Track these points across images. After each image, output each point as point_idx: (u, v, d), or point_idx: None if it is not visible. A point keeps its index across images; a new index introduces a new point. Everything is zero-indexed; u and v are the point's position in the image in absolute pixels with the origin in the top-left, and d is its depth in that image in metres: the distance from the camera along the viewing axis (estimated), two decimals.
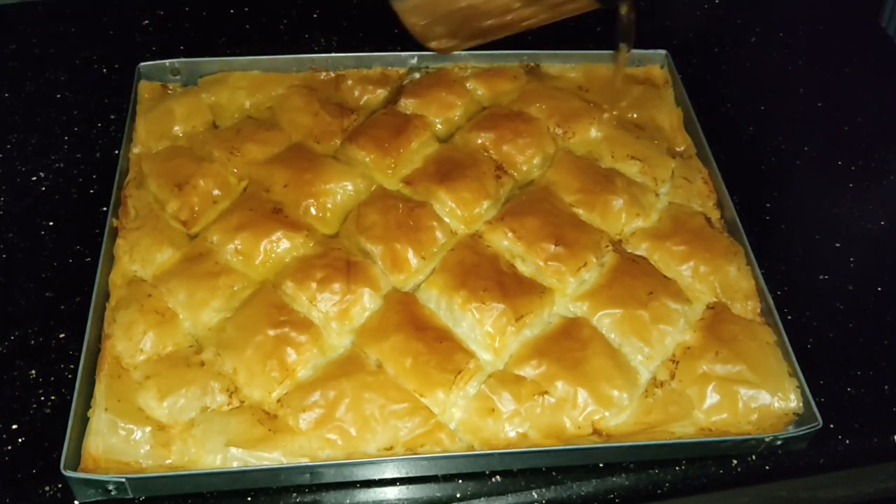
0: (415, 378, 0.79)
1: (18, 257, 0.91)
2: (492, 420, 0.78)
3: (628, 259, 0.89)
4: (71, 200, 0.96)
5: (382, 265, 0.87)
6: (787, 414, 0.79)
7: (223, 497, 0.75)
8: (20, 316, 0.86)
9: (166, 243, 0.88)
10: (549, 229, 0.89)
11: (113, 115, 1.05)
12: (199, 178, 0.92)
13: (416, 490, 0.77)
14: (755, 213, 0.98)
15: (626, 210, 0.93)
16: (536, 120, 1.00)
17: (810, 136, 1.08)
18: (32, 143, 1.02)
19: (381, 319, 0.83)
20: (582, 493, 0.77)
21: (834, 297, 0.92)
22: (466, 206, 0.92)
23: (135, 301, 0.83)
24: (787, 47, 1.20)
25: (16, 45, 1.14)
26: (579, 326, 0.83)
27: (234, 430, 0.76)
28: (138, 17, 1.18)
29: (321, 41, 1.16)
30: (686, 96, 1.04)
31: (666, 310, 0.85)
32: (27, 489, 0.75)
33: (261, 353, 0.80)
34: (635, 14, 0.93)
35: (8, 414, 0.80)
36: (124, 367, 0.79)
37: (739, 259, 0.89)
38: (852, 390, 0.84)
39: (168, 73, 1.04)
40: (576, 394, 0.79)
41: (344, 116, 1.00)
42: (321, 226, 0.91)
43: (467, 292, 0.84)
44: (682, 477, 0.79)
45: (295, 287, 0.84)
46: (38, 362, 0.83)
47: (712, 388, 0.80)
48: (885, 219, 0.99)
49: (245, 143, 0.96)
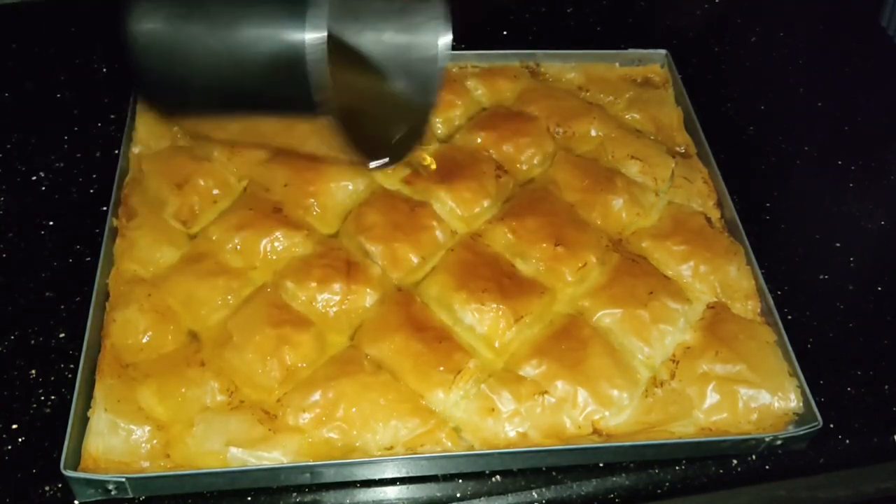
0: (415, 378, 0.79)
1: (18, 257, 0.91)
2: (492, 420, 0.78)
3: (628, 259, 0.89)
4: (71, 200, 0.96)
5: (382, 265, 0.87)
6: (787, 414, 0.79)
7: (223, 497, 0.75)
8: (20, 316, 0.86)
9: (166, 243, 0.88)
10: (549, 229, 0.89)
11: (113, 115, 1.05)
12: (199, 178, 0.92)
13: (416, 490, 0.77)
14: (755, 213, 0.98)
15: (627, 210, 0.93)
16: (536, 120, 1.00)
17: (810, 136, 1.08)
18: (32, 143, 1.02)
19: (381, 319, 0.83)
20: (582, 493, 0.77)
21: (834, 297, 0.92)
22: (466, 205, 0.92)
23: (135, 301, 0.83)
24: (787, 47, 1.20)
25: (16, 45, 1.14)
26: (579, 326, 0.83)
27: (234, 429, 0.76)
28: None
29: None
30: (686, 96, 1.04)
31: (666, 309, 0.85)
32: (27, 489, 0.75)
33: (261, 353, 0.80)
34: None
35: (8, 414, 0.79)
36: (124, 366, 0.79)
37: (739, 259, 0.89)
38: (852, 390, 0.84)
39: None
40: (576, 393, 0.79)
41: None
42: (321, 225, 0.91)
43: (467, 292, 0.84)
44: (682, 477, 0.79)
45: (295, 287, 0.84)
46: (38, 362, 0.83)
47: (712, 387, 0.80)
48: (885, 219, 0.99)
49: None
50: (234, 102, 0.76)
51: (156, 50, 0.75)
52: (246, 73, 0.72)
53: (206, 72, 0.74)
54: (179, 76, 0.75)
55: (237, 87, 0.74)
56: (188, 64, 0.74)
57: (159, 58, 0.75)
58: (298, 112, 0.73)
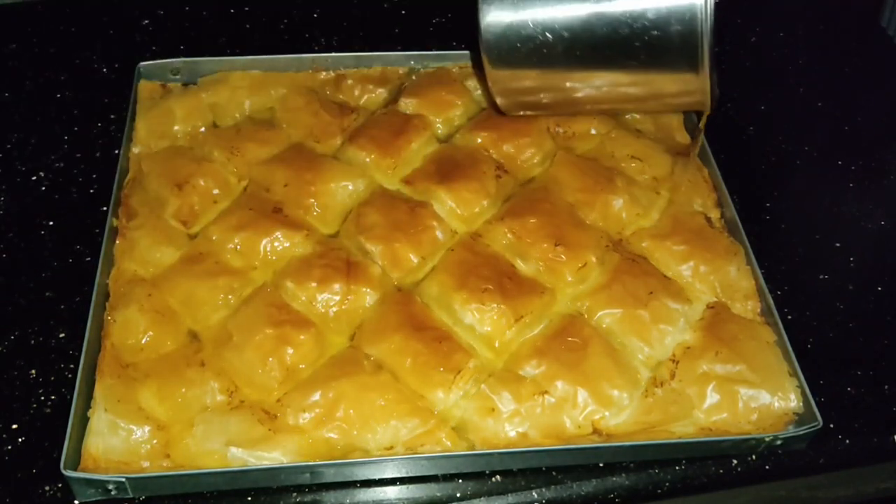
0: (415, 378, 0.79)
1: (18, 257, 0.91)
2: (492, 420, 0.78)
3: (628, 259, 0.89)
4: (71, 200, 0.96)
5: (382, 265, 0.87)
6: (787, 414, 0.79)
7: (223, 497, 0.75)
8: (20, 316, 0.86)
9: (166, 243, 0.88)
10: (549, 229, 0.89)
11: (113, 115, 1.05)
12: (199, 178, 0.92)
13: (416, 490, 0.77)
14: (755, 213, 0.98)
15: (627, 210, 0.93)
16: (536, 119, 1.00)
17: (810, 136, 1.08)
18: (32, 143, 1.02)
19: (381, 319, 0.83)
20: (582, 493, 0.77)
21: (834, 297, 0.92)
22: (466, 205, 0.92)
23: (134, 301, 0.83)
24: (787, 47, 1.20)
25: (16, 45, 1.14)
26: (579, 326, 0.83)
27: (234, 429, 0.76)
28: (138, 17, 1.18)
29: (321, 41, 1.16)
30: None
31: (666, 309, 0.85)
32: (27, 489, 0.75)
33: (261, 353, 0.80)
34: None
35: (8, 414, 0.79)
36: (124, 366, 0.79)
37: (739, 259, 0.89)
38: (852, 390, 0.84)
39: (168, 72, 1.04)
40: (576, 393, 0.79)
41: (344, 116, 1.00)
42: (321, 225, 0.91)
43: (467, 292, 0.84)
44: (682, 477, 0.79)
45: (295, 287, 0.84)
46: (38, 362, 0.83)
47: (712, 387, 0.80)
48: (885, 219, 0.99)
49: (245, 142, 0.96)
50: (594, 67, 0.86)
51: (513, 34, 0.84)
52: (621, 38, 0.82)
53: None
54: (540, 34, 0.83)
55: (606, 54, 0.84)
56: (552, 44, 0.83)
57: (515, 39, 0.84)
58: (673, 67, 0.84)
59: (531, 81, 0.90)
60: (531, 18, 0.84)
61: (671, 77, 0.86)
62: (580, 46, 0.84)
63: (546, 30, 0.84)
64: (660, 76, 0.87)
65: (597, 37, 0.83)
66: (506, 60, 0.87)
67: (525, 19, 0.84)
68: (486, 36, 0.86)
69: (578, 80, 0.89)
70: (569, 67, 0.87)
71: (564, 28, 0.83)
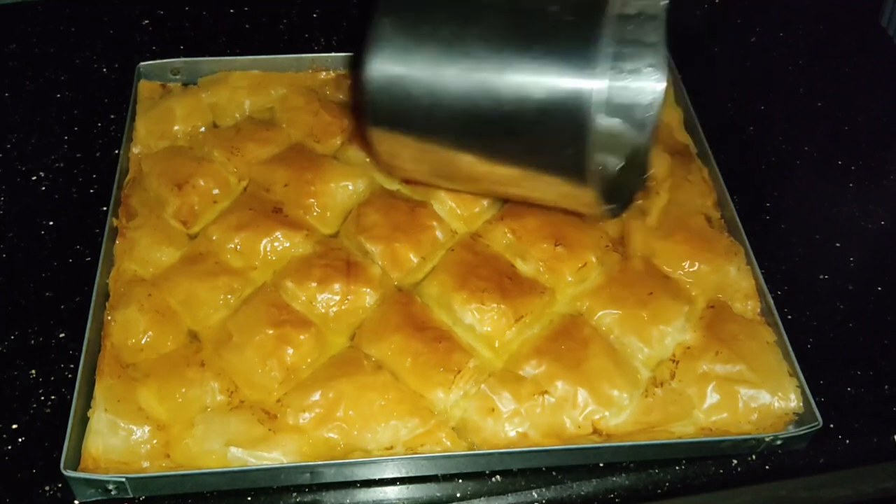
0: (414, 378, 0.79)
1: (18, 257, 0.91)
2: (492, 420, 0.78)
3: (628, 258, 0.89)
4: (71, 200, 0.96)
5: (382, 265, 0.87)
6: (787, 414, 0.79)
7: (223, 497, 0.75)
8: (20, 316, 0.86)
9: (166, 243, 0.88)
10: (549, 229, 0.89)
11: (113, 115, 1.05)
12: (199, 178, 0.92)
13: (416, 490, 0.77)
14: (755, 213, 0.98)
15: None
16: None
17: (810, 136, 1.08)
18: (32, 143, 1.02)
19: (381, 319, 0.83)
20: (582, 493, 0.77)
21: (834, 297, 0.92)
22: (466, 205, 0.92)
23: (134, 301, 0.83)
24: (787, 47, 1.20)
25: (16, 44, 1.14)
26: (579, 326, 0.83)
27: (234, 429, 0.76)
28: (138, 17, 1.18)
29: (321, 41, 1.16)
30: (686, 96, 1.04)
31: (666, 309, 0.85)
32: (27, 489, 0.75)
33: (261, 353, 0.80)
34: None
35: (8, 414, 0.79)
36: (124, 366, 0.79)
37: (739, 259, 0.89)
38: (852, 390, 0.84)
39: (168, 72, 1.04)
40: (576, 393, 0.79)
41: (344, 116, 1.00)
42: (321, 225, 0.91)
43: (467, 292, 0.84)
44: (682, 477, 0.79)
45: (295, 287, 0.84)
46: (38, 362, 0.83)
47: (712, 387, 0.80)
48: (885, 219, 0.99)
49: (245, 142, 0.96)
50: (475, 143, 0.75)
51: (397, 89, 0.74)
52: (504, 116, 0.70)
53: (455, 117, 0.73)
54: (421, 116, 0.74)
55: (487, 129, 0.72)
56: (435, 107, 0.73)
57: (400, 95, 0.74)
58: (556, 160, 0.71)
59: (410, 148, 0.80)
60: (418, 76, 0.74)
61: (557, 176, 0.75)
62: (461, 114, 0.74)
63: (430, 91, 0.73)
64: (545, 171, 0.75)
65: (480, 108, 0.72)
66: (387, 118, 0.78)
67: (412, 75, 0.74)
68: (370, 87, 0.76)
69: (461, 154, 0.78)
70: (450, 138, 0.77)
71: (447, 92, 0.73)
